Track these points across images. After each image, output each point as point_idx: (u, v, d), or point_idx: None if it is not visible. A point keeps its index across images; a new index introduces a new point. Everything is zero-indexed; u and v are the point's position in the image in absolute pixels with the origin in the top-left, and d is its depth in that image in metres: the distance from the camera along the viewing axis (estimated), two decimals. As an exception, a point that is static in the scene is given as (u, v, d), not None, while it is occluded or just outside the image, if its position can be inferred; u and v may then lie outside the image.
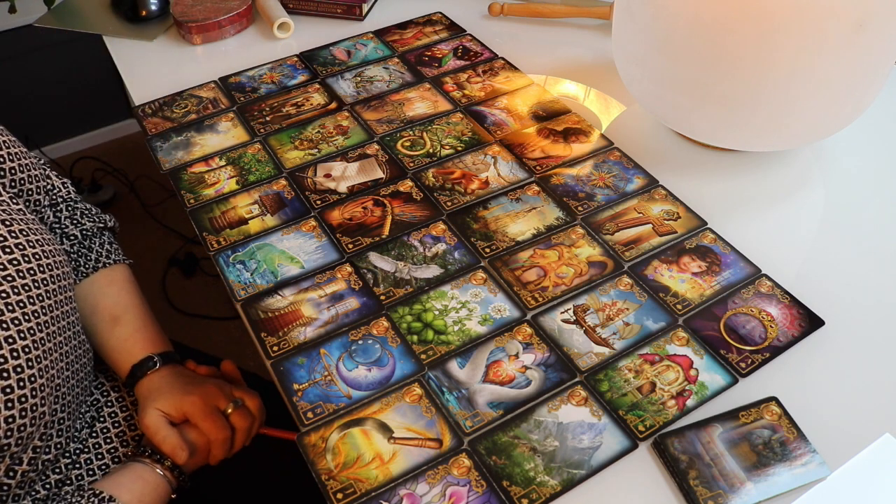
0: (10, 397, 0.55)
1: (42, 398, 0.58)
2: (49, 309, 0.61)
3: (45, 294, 0.61)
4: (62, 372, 0.62)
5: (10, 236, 0.59)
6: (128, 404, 0.74)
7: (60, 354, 0.61)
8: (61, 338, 0.62)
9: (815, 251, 0.73)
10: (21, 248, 0.60)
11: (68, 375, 0.63)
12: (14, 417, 0.55)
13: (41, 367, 0.58)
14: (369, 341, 0.64)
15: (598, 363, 0.62)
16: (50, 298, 0.61)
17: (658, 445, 0.57)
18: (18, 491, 0.61)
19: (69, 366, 0.63)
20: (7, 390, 0.54)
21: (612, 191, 0.78)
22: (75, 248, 0.74)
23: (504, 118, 0.87)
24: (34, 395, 0.57)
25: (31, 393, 0.56)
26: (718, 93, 0.71)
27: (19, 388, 0.55)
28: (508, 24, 1.06)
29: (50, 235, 0.65)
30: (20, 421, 0.55)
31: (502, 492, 0.54)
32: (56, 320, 0.61)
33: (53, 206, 0.74)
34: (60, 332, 0.62)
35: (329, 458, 0.56)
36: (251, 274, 0.70)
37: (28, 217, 0.64)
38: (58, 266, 0.63)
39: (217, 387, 0.68)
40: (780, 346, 0.63)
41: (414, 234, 0.73)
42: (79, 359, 0.66)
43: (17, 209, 0.63)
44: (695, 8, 0.68)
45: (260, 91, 0.92)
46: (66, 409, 0.63)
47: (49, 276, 0.62)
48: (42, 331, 0.59)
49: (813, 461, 0.55)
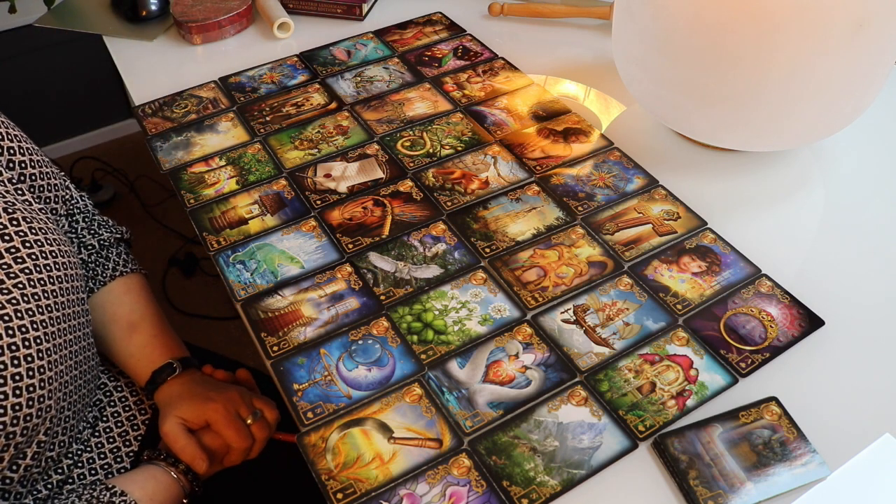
0: (19, 385, 0.55)
1: (49, 391, 0.58)
2: (62, 305, 0.61)
3: (59, 291, 0.61)
4: (71, 369, 0.62)
5: (29, 232, 0.60)
6: (131, 404, 0.74)
7: (70, 352, 0.62)
8: (71, 336, 0.62)
9: (815, 251, 0.73)
10: (39, 244, 0.61)
11: (76, 374, 0.63)
12: (21, 405, 0.55)
13: (51, 359, 0.58)
14: (369, 341, 0.64)
15: (598, 363, 0.62)
16: (63, 296, 0.62)
17: (658, 445, 0.57)
18: (21, 489, 0.61)
19: (77, 365, 0.64)
20: (17, 377, 0.55)
21: (612, 191, 0.78)
22: (92, 257, 0.75)
23: (504, 118, 0.87)
24: (42, 387, 0.57)
25: (39, 384, 0.57)
26: (718, 93, 0.71)
27: (28, 378, 0.56)
28: (508, 24, 1.06)
29: (65, 237, 0.66)
30: (27, 410, 0.56)
31: (502, 492, 0.54)
32: (67, 318, 0.62)
33: (70, 216, 0.75)
34: (71, 329, 0.62)
35: (329, 458, 0.56)
36: (251, 274, 0.70)
37: (43, 217, 0.64)
38: (72, 266, 0.64)
39: (239, 394, 0.68)
40: (780, 346, 0.63)
41: (414, 234, 0.73)
42: (87, 360, 0.66)
43: (38, 207, 0.64)
44: (695, 8, 0.68)
45: (260, 91, 0.92)
46: (72, 408, 0.64)
47: (64, 275, 0.62)
48: (54, 325, 0.60)
49: (813, 461, 0.55)
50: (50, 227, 0.63)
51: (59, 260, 0.62)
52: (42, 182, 0.68)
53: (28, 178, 0.66)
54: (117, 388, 0.74)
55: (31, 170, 0.67)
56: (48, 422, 0.60)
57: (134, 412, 0.73)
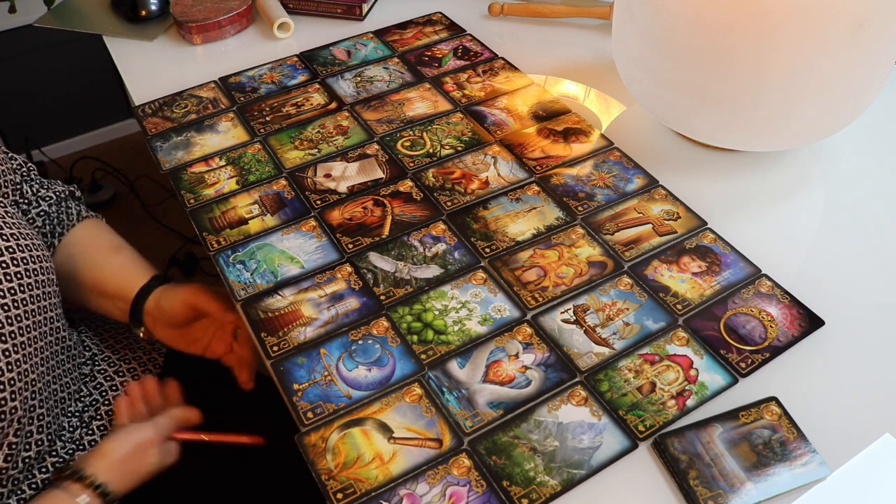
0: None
1: (12, 392, 0.58)
2: (23, 303, 0.61)
3: (20, 287, 0.61)
4: (37, 367, 0.61)
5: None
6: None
7: (35, 349, 0.61)
8: (36, 333, 0.62)
9: (815, 251, 0.73)
10: (11, 250, 0.60)
11: (44, 371, 0.63)
12: None
13: (10, 360, 0.58)
14: (369, 341, 0.64)
15: (598, 363, 0.62)
16: (25, 292, 0.61)
17: (658, 445, 0.57)
18: (1, 490, 0.61)
19: (45, 361, 0.63)
20: None
21: (612, 191, 0.78)
22: (53, 208, 0.76)
23: (504, 118, 0.87)
24: (2, 389, 0.57)
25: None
26: (718, 93, 0.71)
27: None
28: (508, 24, 1.06)
29: (32, 231, 0.65)
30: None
31: (502, 492, 0.54)
32: (31, 314, 0.62)
33: (22, 184, 0.75)
34: (36, 326, 0.62)
35: (329, 458, 0.56)
36: (251, 274, 0.70)
37: (10, 211, 0.64)
38: (42, 260, 0.64)
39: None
40: (780, 346, 0.63)
41: (414, 234, 0.73)
42: (61, 362, 0.66)
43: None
44: (695, 8, 0.68)
45: (260, 91, 0.92)
46: (44, 405, 0.63)
47: (25, 270, 0.62)
48: (13, 324, 0.59)
49: (813, 461, 0.55)
50: (17, 223, 0.63)
51: (27, 254, 0.62)
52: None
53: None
54: (112, 387, 0.74)
55: None
56: (17, 423, 0.59)
57: None
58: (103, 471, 0.62)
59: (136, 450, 0.65)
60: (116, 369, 0.76)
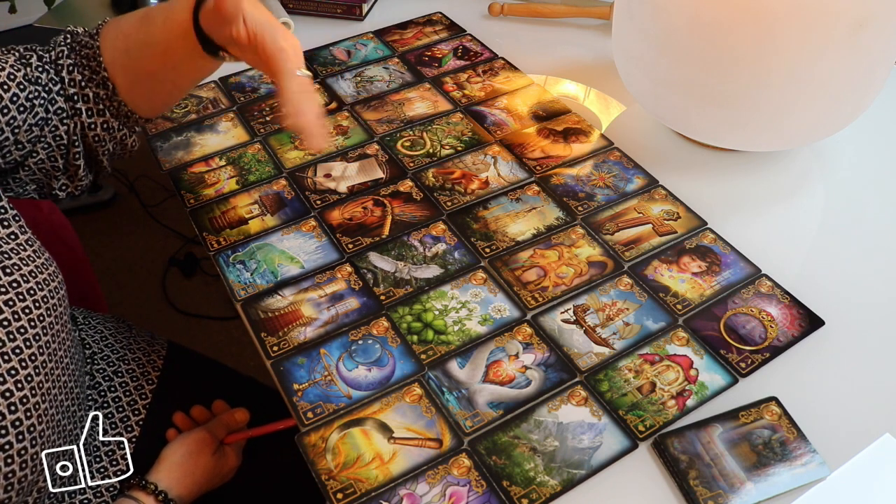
0: (10, 453, 0.54)
1: (26, 409, 0.56)
2: (40, 318, 0.58)
3: (34, 304, 0.58)
4: (49, 376, 0.59)
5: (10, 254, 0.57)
6: (124, 404, 0.74)
7: (46, 358, 0.58)
8: (50, 350, 0.59)
9: (815, 251, 0.73)
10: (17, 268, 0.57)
11: (54, 378, 0.61)
12: (14, 472, 0.54)
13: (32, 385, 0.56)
14: (369, 341, 0.64)
15: (598, 363, 0.62)
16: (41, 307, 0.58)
17: (658, 445, 0.57)
18: (26, 497, 0.61)
19: (53, 370, 0.60)
20: (6, 447, 0.53)
21: (612, 191, 0.78)
22: (70, 59, 0.63)
23: (504, 118, 0.87)
24: (14, 410, 0.55)
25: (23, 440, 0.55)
26: (718, 93, 0.71)
27: (18, 442, 0.54)
28: (508, 24, 1.06)
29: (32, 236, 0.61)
30: (20, 473, 0.55)
31: (502, 492, 0.54)
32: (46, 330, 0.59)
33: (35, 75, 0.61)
34: (47, 339, 0.59)
35: (329, 458, 0.56)
36: (251, 274, 0.70)
37: (22, 228, 0.61)
38: (44, 269, 0.60)
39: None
40: (780, 346, 0.63)
41: (414, 234, 0.73)
42: (62, 359, 0.62)
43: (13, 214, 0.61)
44: (695, 8, 0.68)
45: (260, 91, 0.92)
46: (52, 408, 0.62)
47: (37, 283, 0.58)
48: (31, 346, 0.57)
49: (813, 461, 0.55)
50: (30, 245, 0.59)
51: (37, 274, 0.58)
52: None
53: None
54: (111, 387, 0.74)
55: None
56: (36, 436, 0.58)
57: (127, 413, 0.73)
58: (163, 477, 0.67)
59: (191, 451, 0.69)
60: (116, 369, 0.76)
